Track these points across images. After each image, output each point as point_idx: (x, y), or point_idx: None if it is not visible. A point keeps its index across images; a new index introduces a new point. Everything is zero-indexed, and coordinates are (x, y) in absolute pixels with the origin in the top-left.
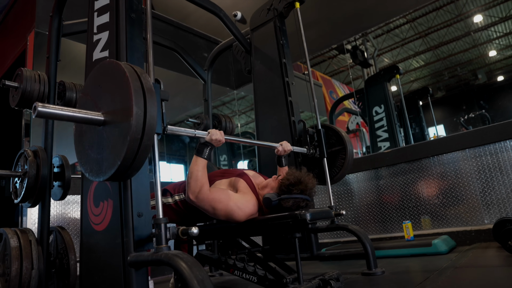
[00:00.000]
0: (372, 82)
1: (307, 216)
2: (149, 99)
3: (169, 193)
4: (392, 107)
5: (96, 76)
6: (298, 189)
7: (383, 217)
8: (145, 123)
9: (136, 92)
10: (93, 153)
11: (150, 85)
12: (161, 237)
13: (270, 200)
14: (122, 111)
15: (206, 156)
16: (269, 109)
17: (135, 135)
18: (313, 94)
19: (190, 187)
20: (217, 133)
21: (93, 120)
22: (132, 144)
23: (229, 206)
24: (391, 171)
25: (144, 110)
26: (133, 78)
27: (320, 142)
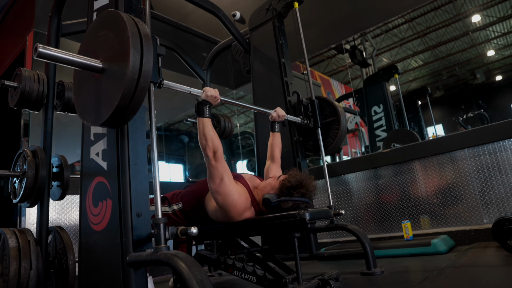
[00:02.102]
0: (371, 82)
1: (306, 216)
2: (146, 44)
3: (167, 202)
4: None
5: (95, 26)
6: (299, 192)
7: (382, 217)
8: (141, 65)
9: (134, 36)
10: (92, 100)
11: (147, 32)
12: (160, 237)
13: (269, 201)
14: (120, 56)
15: (208, 115)
16: (268, 109)
17: (131, 75)
18: (312, 93)
19: (207, 146)
20: (211, 90)
21: (92, 67)
22: (129, 84)
23: (232, 187)
24: (390, 171)
25: (141, 53)
26: (131, 24)
27: (314, 113)
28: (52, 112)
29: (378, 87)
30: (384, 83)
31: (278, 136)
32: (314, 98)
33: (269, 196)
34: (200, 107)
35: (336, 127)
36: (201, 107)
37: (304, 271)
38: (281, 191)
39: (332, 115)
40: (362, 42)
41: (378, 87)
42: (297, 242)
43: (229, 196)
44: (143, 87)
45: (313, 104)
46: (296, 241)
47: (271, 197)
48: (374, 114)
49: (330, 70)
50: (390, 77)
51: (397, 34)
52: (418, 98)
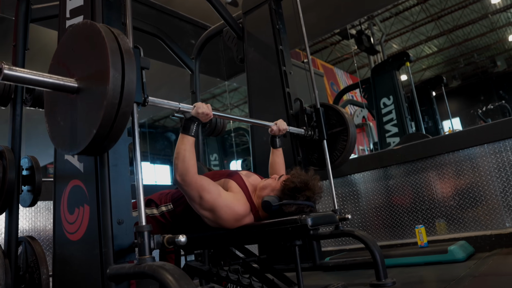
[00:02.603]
0: (380, 71)
1: (308, 221)
2: (127, 61)
3: (154, 204)
4: (402, 99)
5: (69, 39)
6: (304, 195)
7: (393, 222)
8: (123, 87)
9: (113, 53)
10: (66, 124)
11: (128, 47)
12: (145, 246)
13: (269, 205)
14: (98, 75)
15: (193, 133)
16: (265, 102)
17: (112, 100)
18: (313, 84)
19: (177, 168)
20: (203, 106)
21: (66, 87)
22: (109, 109)
23: (217, 201)
24: (402, 170)
25: (122, 73)
26: (110, 38)
27: (319, 123)
28: (21, 108)
29: (387, 76)
30: (394, 72)
31: (280, 153)
32: (318, 106)
33: (269, 198)
34: (187, 123)
35: (344, 138)
36: (188, 124)
37: (307, 283)
38: (283, 193)
39: (339, 125)
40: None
41: (387, 76)
42: (298, 250)
43: (218, 210)
44: (125, 111)
45: (318, 113)
46: (297, 249)
47: (271, 200)
48: (384, 107)
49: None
50: (401, 65)
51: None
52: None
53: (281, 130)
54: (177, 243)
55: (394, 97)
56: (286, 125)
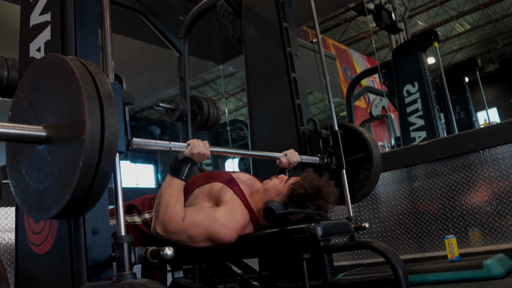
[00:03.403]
0: (403, 53)
1: (318, 230)
2: (107, 109)
3: (135, 210)
4: (429, 85)
5: (35, 75)
6: (315, 204)
7: (419, 231)
8: (102, 142)
9: (90, 101)
10: (32, 180)
11: (108, 89)
12: (124, 260)
13: (273, 212)
14: (71, 126)
15: (184, 177)
16: (266, 90)
17: (89, 159)
18: (324, 68)
19: (158, 217)
20: (199, 144)
21: (32, 137)
22: (86, 171)
23: (210, 227)
24: (429, 170)
25: (101, 125)
26: (85, 80)
27: (337, 149)
28: None
29: (411, 59)
30: (419, 54)
31: None
32: (336, 128)
33: (272, 204)
34: (178, 165)
35: (367, 167)
36: (179, 165)
37: None
38: (290, 199)
39: (361, 150)
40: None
41: (411, 59)
42: (306, 265)
43: (216, 236)
44: (106, 171)
45: (336, 137)
46: (305, 264)
47: (275, 207)
48: (407, 95)
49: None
50: (427, 46)
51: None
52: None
53: (291, 163)
54: (163, 256)
55: (419, 84)
56: (298, 157)
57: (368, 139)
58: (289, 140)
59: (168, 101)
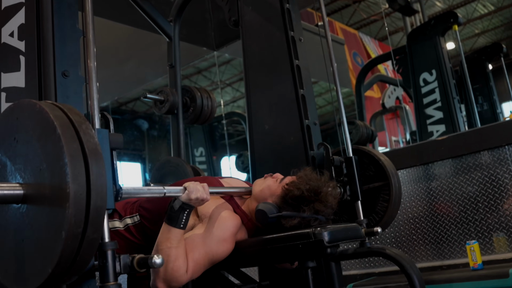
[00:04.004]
0: (419, 37)
1: (325, 235)
2: (94, 168)
3: (117, 214)
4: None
5: (10, 121)
6: (312, 208)
7: (437, 236)
8: (89, 207)
9: (74, 160)
10: (9, 246)
11: (94, 144)
12: (108, 270)
13: (265, 216)
14: (53, 189)
15: (182, 225)
16: (267, 79)
17: (74, 229)
18: (331, 55)
19: (158, 273)
20: (197, 188)
21: (7, 197)
22: (70, 242)
23: (209, 254)
24: (449, 168)
25: (87, 187)
26: (68, 136)
27: (351, 177)
28: None
29: (429, 44)
30: (437, 38)
31: None
32: (351, 154)
33: (264, 207)
34: (174, 214)
35: (385, 198)
36: (176, 214)
37: None
38: (284, 201)
39: (378, 178)
40: None
41: (429, 44)
42: (311, 275)
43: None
44: (93, 239)
45: (350, 164)
46: (310, 273)
47: (267, 209)
48: (424, 85)
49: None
50: (446, 29)
51: None
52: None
53: None
54: (151, 265)
55: (437, 72)
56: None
57: (387, 165)
58: (292, 135)
59: (156, 91)
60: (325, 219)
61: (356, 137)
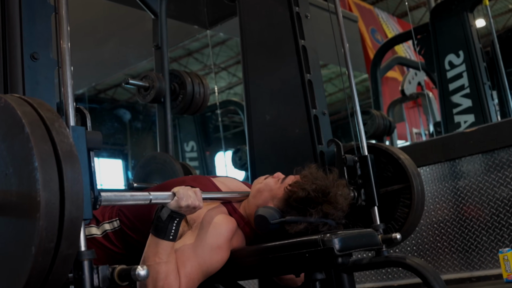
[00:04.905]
0: (444, 13)
1: (335, 243)
2: (68, 173)
3: (93, 219)
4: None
5: None
6: (320, 211)
7: (465, 244)
8: (62, 219)
9: (45, 164)
10: None
11: (69, 145)
12: (85, 283)
13: (266, 222)
14: (20, 197)
15: (172, 236)
16: (268, 62)
17: (45, 244)
18: (342, 34)
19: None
20: (188, 194)
21: None
22: (41, 258)
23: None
24: (478, 165)
25: (61, 195)
26: (38, 135)
27: (367, 179)
28: None
29: (455, 21)
30: (465, 14)
31: None
32: (366, 153)
33: (265, 212)
34: (162, 224)
35: (405, 203)
36: (164, 224)
37: None
38: (288, 204)
39: (398, 180)
40: None
41: (455, 21)
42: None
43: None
44: (67, 256)
45: (365, 163)
46: (319, 286)
47: (269, 215)
48: (450, 68)
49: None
50: (475, 4)
51: None
52: None
53: None
54: (135, 277)
55: (465, 53)
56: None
57: (407, 165)
58: (298, 126)
59: (140, 77)
60: (335, 224)
61: (371, 129)
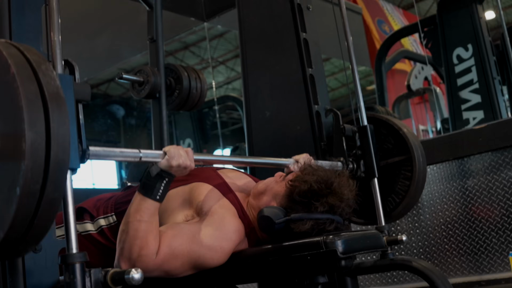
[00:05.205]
0: (452, 5)
1: (338, 245)
2: (55, 115)
3: (88, 215)
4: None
5: None
6: (324, 203)
7: (474, 246)
8: (48, 160)
9: (31, 104)
10: None
11: (56, 87)
12: (76, 287)
13: (271, 222)
14: (5, 138)
15: (159, 196)
16: (268, 56)
17: (30, 185)
18: (345, 26)
19: (122, 250)
20: (180, 153)
21: None
22: (26, 201)
23: (193, 253)
24: (488, 163)
25: (47, 137)
26: (25, 76)
27: (366, 150)
28: None
29: (464, 14)
30: (474, 6)
31: None
32: (365, 123)
33: (269, 212)
34: (149, 182)
35: (406, 175)
36: (151, 182)
37: None
38: (291, 200)
39: (399, 152)
40: None
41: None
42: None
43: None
44: (53, 199)
45: (365, 134)
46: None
47: (273, 214)
48: (458, 62)
49: None
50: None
51: None
52: None
53: None
54: (128, 281)
55: (474, 47)
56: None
57: (409, 136)
58: (299, 123)
59: (134, 71)
60: (342, 222)
61: None
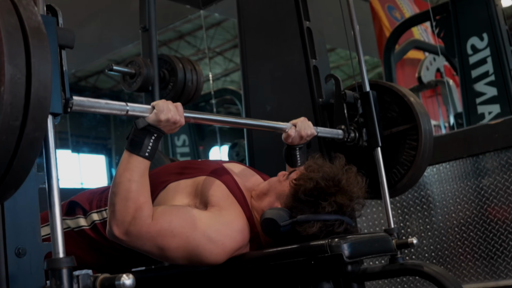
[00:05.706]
0: None
1: (344, 248)
2: (36, 50)
3: (80, 209)
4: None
5: None
6: (332, 203)
7: (490, 249)
8: (29, 96)
9: (11, 37)
10: None
11: (37, 22)
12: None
13: (275, 224)
14: None
15: (148, 154)
16: (268, 46)
17: (9, 121)
18: (351, 14)
19: (114, 213)
20: (169, 107)
21: None
22: (5, 138)
23: (192, 239)
24: (505, 161)
25: (27, 72)
26: (4, 8)
27: (369, 118)
28: None
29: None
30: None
31: None
32: (368, 89)
33: (273, 214)
34: (138, 137)
35: (412, 145)
36: (139, 138)
37: None
38: (297, 200)
39: (403, 120)
40: None
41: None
42: None
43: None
44: (33, 138)
45: (367, 100)
46: None
47: (277, 217)
48: (473, 53)
49: None
50: None
51: None
52: None
53: (304, 136)
54: (119, 287)
55: (490, 36)
56: (312, 128)
57: (414, 104)
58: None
59: (125, 62)
60: (352, 223)
61: None
